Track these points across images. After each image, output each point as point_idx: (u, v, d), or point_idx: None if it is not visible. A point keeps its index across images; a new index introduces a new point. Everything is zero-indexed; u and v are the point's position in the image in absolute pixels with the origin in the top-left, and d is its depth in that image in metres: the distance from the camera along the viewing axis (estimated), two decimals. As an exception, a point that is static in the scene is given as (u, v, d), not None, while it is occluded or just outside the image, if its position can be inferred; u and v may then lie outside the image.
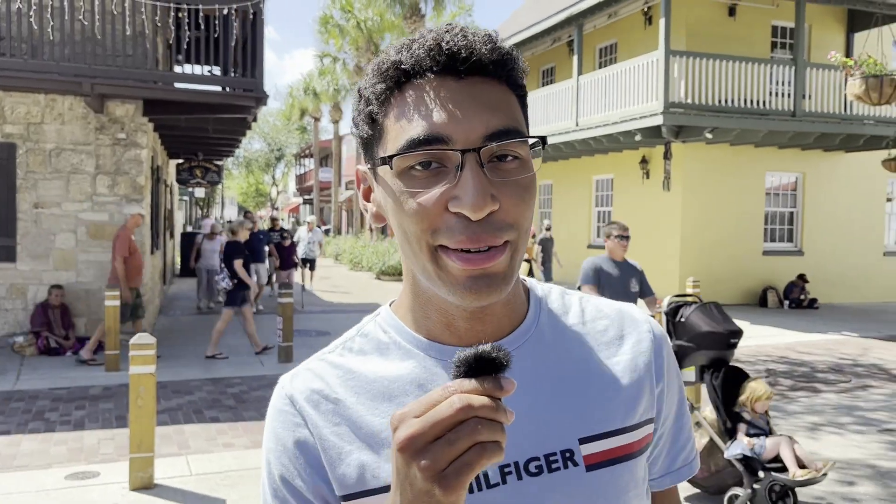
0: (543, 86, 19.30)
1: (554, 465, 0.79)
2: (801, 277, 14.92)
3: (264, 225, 16.15)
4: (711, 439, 4.60)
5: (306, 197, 50.71)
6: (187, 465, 5.21)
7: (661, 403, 0.89)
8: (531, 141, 0.78)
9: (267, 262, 13.77)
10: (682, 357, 4.68)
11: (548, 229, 15.07)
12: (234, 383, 7.80)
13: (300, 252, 15.21)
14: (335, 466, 0.79)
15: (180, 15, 9.23)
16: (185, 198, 31.96)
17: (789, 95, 13.62)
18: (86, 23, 8.90)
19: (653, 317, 0.96)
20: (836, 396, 7.46)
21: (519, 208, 0.75)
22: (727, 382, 4.67)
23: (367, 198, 0.86)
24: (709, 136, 13.23)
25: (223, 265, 9.35)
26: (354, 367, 0.84)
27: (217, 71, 10.27)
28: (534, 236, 14.57)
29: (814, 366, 9.07)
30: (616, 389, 0.84)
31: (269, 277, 14.53)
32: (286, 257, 13.81)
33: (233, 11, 9.24)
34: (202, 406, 6.86)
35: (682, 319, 4.77)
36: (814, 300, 14.87)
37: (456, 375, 0.60)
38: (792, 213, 15.69)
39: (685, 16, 14.33)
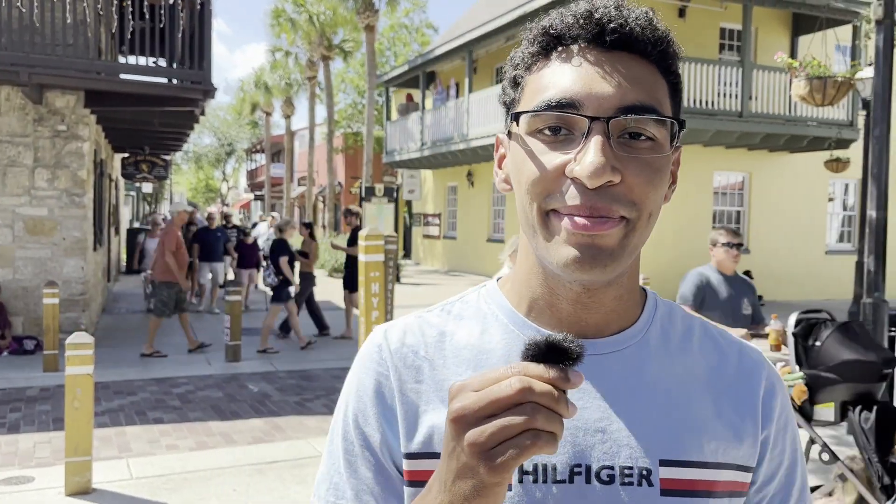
0: (497, 83, 19.33)
1: (627, 479, 0.75)
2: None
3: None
4: (861, 497, 3.69)
5: (258, 193, 49.98)
6: (128, 469, 5.04)
7: (765, 455, 0.82)
8: (671, 126, 0.75)
9: (225, 260, 13.29)
10: (816, 390, 3.80)
11: None
12: (179, 383, 7.60)
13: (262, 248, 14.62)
14: (407, 422, 0.78)
15: (124, 4, 8.95)
16: (133, 193, 31.20)
17: (737, 96, 13.91)
18: (24, 10, 8.56)
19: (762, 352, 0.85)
20: (780, 391, 7.62)
21: (644, 188, 0.72)
22: (880, 424, 3.74)
23: (500, 164, 0.85)
24: (659, 135, 13.41)
25: (269, 261, 9.71)
26: (448, 329, 0.83)
27: (163, 62, 10.00)
28: None
29: (759, 361, 9.25)
30: (712, 422, 0.79)
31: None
32: (249, 255, 12.92)
33: (179, 1, 9.00)
34: (145, 407, 6.66)
35: (818, 343, 3.89)
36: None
37: (524, 358, 0.58)
38: (739, 212, 16.03)
39: (636, 16, 14.49)
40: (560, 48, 0.76)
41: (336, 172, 30.71)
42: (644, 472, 0.75)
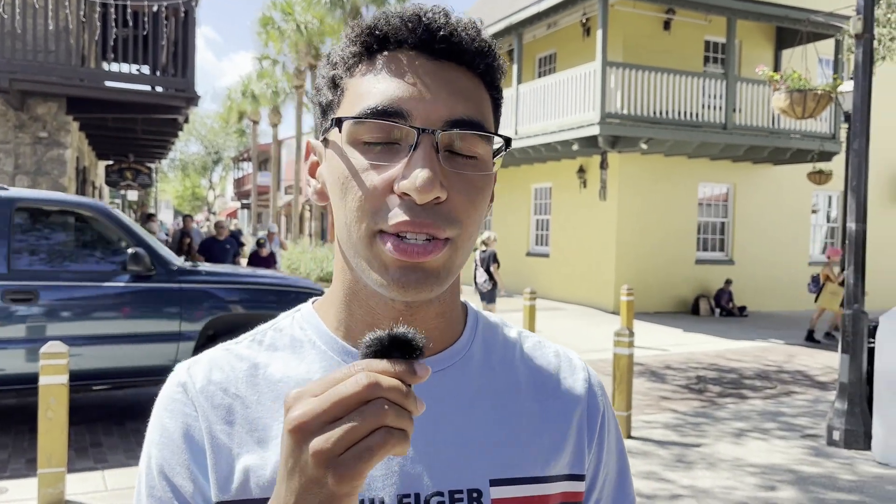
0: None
1: None
2: (727, 282, 15.32)
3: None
4: None
5: (244, 201, 49.83)
6: (103, 480, 4.97)
7: (596, 460, 0.82)
8: (495, 145, 0.73)
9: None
10: None
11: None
12: (159, 392, 7.52)
13: None
14: (219, 468, 0.71)
15: (107, 11, 8.92)
16: (118, 201, 31.00)
17: (721, 108, 14.00)
18: (5, 16, 8.51)
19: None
20: (761, 402, 7.64)
21: (466, 206, 0.69)
22: None
23: (312, 173, 0.78)
24: (644, 146, 13.48)
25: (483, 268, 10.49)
26: (261, 362, 0.76)
27: (146, 70, 9.96)
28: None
29: (742, 372, 9.29)
30: (538, 434, 0.77)
31: None
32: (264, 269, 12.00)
33: (163, 9, 8.98)
34: (124, 416, 6.59)
35: None
36: (743, 308, 15.27)
37: (365, 355, 0.54)
38: (723, 223, 16.12)
39: (622, 28, 14.59)
40: (385, 52, 0.71)
41: (323, 181, 30.62)
42: (475, 495, 0.72)
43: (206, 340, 5.94)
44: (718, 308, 15.12)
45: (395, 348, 0.53)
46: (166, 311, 5.88)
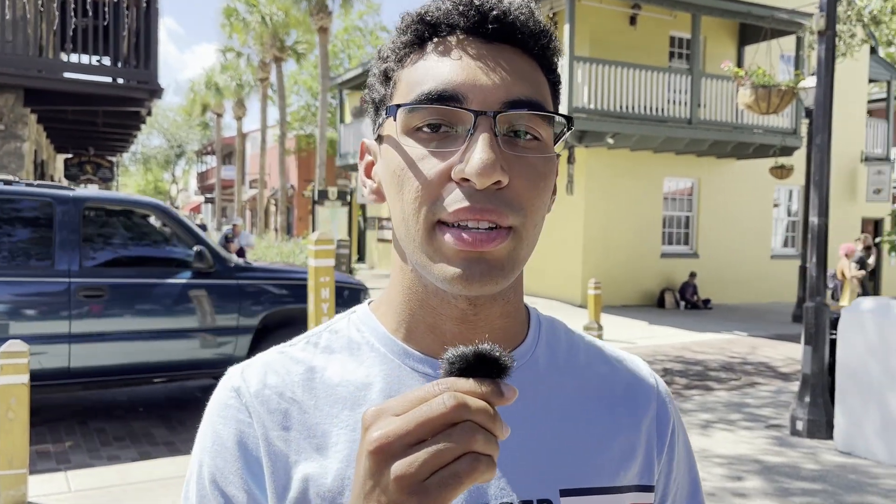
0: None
1: None
2: (692, 275, 15.56)
3: None
4: None
5: (208, 195, 49.19)
6: (66, 481, 4.86)
7: (666, 470, 0.79)
8: (556, 128, 0.70)
9: None
10: None
11: (868, 247, 12.62)
12: (124, 391, 7.39)
13: None
14: (276, 476, 0.67)
15: (66, 0, 8.70)
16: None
17: (686, 104, 14.17)
18: (-41, 4, 8.26)
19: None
20: (726, 394, 7.76)
21: (529, 192, 0.66)
22: None
23: (368, 173, 0.77)
24: (610, 141, 13.58)
25: None
26: (318, 365, 0.72)
27: (107, 61, 9.74)
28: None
29: (707, 364, 9.43)
30: (608, 443, 0.74)
31: None
32: None
33: (124, -1, 8.80)
34: (87, 416, 6.45)
35: None
36: (707, 301, 15.51)
37: (449, 373, 0.51)
38: (688, 217, 16.33)
39: (589, 23, 14.66)
40: (436, 39, 0.69)
41: (288, 175, 30.41)
42: None
43: (257, 334, 6.22)
44: (683, 301, 15.33)
45: (481, 366, 0.50)
46: (226, 306, 6.10)
